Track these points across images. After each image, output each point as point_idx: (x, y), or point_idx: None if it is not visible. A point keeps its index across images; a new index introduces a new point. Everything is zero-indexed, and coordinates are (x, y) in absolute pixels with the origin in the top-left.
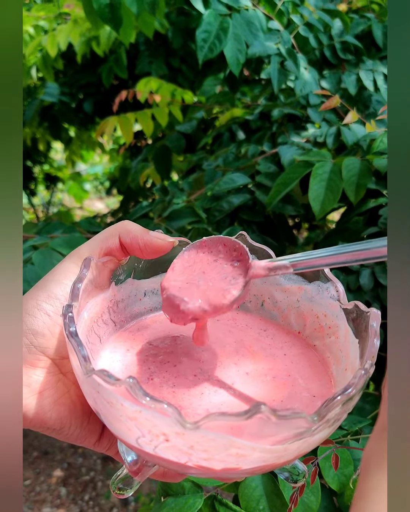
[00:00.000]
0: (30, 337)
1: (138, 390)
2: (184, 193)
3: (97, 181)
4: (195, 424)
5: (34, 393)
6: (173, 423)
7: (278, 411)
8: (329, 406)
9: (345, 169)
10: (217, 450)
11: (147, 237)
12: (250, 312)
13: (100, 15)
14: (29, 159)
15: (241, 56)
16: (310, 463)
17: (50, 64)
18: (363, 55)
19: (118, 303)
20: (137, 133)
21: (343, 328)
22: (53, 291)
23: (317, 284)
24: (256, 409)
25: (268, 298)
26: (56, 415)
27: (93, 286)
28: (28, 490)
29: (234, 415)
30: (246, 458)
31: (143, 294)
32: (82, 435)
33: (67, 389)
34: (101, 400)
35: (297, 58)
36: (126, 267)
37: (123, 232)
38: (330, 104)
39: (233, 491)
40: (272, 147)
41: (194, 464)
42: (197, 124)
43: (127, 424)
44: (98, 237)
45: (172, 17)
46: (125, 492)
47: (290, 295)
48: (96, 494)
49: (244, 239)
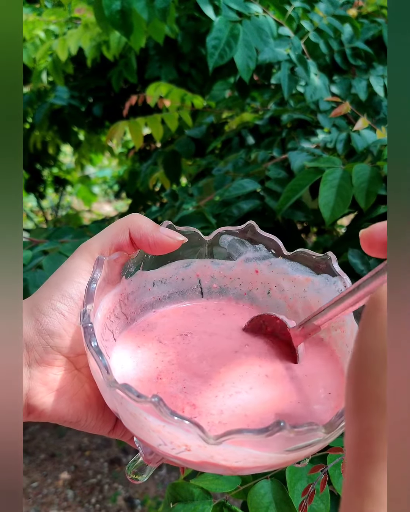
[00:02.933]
0: (46, 337)
1: (163, 409)
2: (194, 198)
3: (106, 185)
4: (217, 440)
5: (51, 391)
6: (196, 438)
7: (296, 428)
8: (341, 418)
9: (355, 176)
10: (236, 459)
11: (158, 235)
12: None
13: (111, 21)
14: (39, 162)
15: (251, 62)
16: (319, 471)
17: (60, 68)
18: (373, 61)
19: (129, 296)
20: (146, 137)
21: (350, 323)
22: (67, 291)
23: (324, 277)
24: (276, 427)
25: (275, 286)
26: (73, 409)
27: (106, 283)
28: (36, 492)
29: (254, 432)
30: (262, 463)
31: (152, 284)
32: (98, 426)
33: (82, 384)
34: (123, 410)
35: (307, 64)
36: (136, 260)
37: (133, 227)
38: (340, 110)
39: (242, 498)
40: (282, 152)
41: (213, 465)
42: (207, 128)
43: (149, 433)
44: (109, 232)
45: (182, 22)
46: (140, 477)
47: (297, 284)
48: (103, 497)
49: (253, 229)
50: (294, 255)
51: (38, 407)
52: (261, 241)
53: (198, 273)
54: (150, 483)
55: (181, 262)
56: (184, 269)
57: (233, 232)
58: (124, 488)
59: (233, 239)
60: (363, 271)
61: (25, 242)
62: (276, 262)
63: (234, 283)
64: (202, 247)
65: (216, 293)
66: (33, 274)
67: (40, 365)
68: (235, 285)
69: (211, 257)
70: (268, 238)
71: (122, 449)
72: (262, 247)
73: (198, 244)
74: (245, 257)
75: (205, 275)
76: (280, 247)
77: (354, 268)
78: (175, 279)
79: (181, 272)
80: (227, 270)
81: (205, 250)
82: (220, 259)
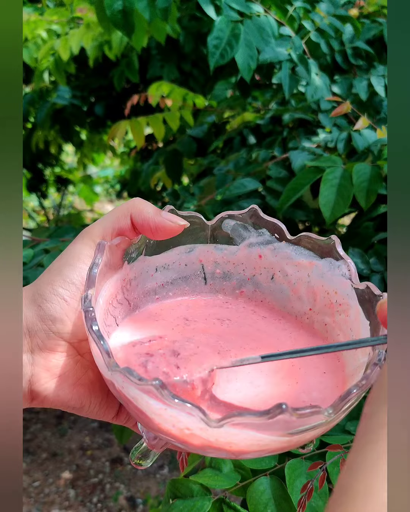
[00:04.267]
0: (49, 323)
1: (165, 391)
2: (195, 197)
3: (107, 184)
4: (219, 423)
5: (54, 377)
6: (197, 421)
7: (298, 410)
8: (344, 400)
9: (355, 175)
10: (238, 442)
11: (159, 219)
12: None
13: (113, 21)
14: (41, 161)
15: (252, 62)
16: (318, 468)
17: (62, 67)
18: (374, 61)
19: (131, 281)
20: (148, 136)
21: (354, 308)
22: (69, 276)
23: (328, 261)
24: (277, 409)
25: (278, 271)
26: (76, 395)
27: (107, 268)
28: (37, 492)
29: (256, 414)
30: (265, 446)
31: (155, 269)
32: (101, 411)
33: (85, 370)
34: (125, 394)
35: (308, 64)
36: (138, 245)
37: (135, 211)
38: (341, 110)
39: (241, 495)
40: (283, 152)
41: (215, 448)
42: (209, 128)
43: (151, 417)
44: (110, 217)
45: (184, 22)
46: (144, 462)
47: (301, 269)
48: (104, 497)
49: (256, 213)
50: (298, 240)
51: (41, 392)
52: (264, 226)
53: (202, 258)
54: (152, 482)
55: (184, 248)
56: (187, 255)
57: (235, 216)
58: (126, 488)
59: (236, 223)
60: (363, 270)
61: (27, 240)
62: (280, 246)
63: (237, 268)
64: (204, 231)
65: (219, 278)
66: (34, 272)
67: (43, 351)
68: (238, 270)
69: (214, 242)
70: (272, 222)
71: (123, 448)
72: (265, 231)
73: (201, 229)
74: (248, 242)
75: (208, 261)
76: (284, 231)
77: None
78: (178, 265)
79: (184, 258)
80: (230, 255)
81: (208, 235)
82: (223, 244)
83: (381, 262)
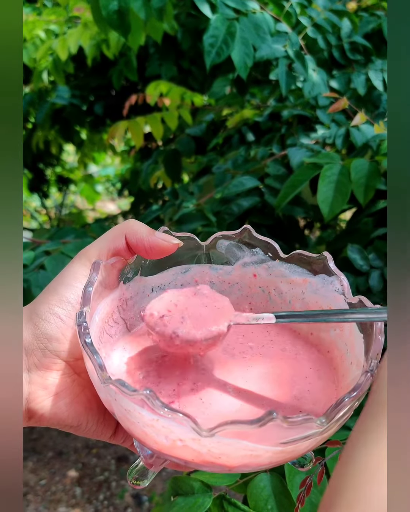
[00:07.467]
0: (44, 341)
1: (156, 401)
2: (194, 196)
3: (109, 183)
4: (211, 432)
5: (50, 395)
6: (189, 431)
7: (288, 418)
8: (337, 408)
9: (353, 171)
10: (231, 453)
11: (153, 239)
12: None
13: (109, 22)
14: (42, 161)
15: (248, 59)
16: (317, 463)
17: (61, 67)
18: (372, 55)
19: (127, 301)
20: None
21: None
22: (65, 295)
23: (322, 277)
24: (268, 417)
25: (273, 289)
26: (73, 413)
27: (103, 288)
28: (44, 490)
29: (247, 423)
30: (259, 457)
31: (151, 290)
32: (98, 430)
33: (82, 389)
34: (118, 407)
35: (305, 60)
36: (134, 265)
37: (129, 232)
38: (338, 106)
39: (242, 491)
40: (281, 149)
41: (209, 463)
42: (207, 126)
43: (144, 429)
44: (106, 237)
45: (182, 19)
46: (142, 482)
47: (295, 286)
48: (110, 494)
49: (249, 233)
50: (291, 257)
51: (38, 411)
52: (257, 245)
53: (197, 278)
54: (158, 480)
55: (180, 268)
56: (182, 275)
57: (229, 236)
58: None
59: (230, 243)
60: (362, 266)
61: (28, 242)
62: (273, 265)
63: (232, 288)
64: (199, 251)
65: None
66: (35, 274)
67: (40, 370)
68: (234, 290)
69: (209, 262)
70: (264, 241)
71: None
72: (259, 250)
73: (196, 248)
74: (243, 262)
75: (204, 281)
76: (277, 250)
77: (353, 263)
78: (174, 285)
79: (180, 278)
80: (225, 275)
81: (203, 255)
82: (218, 263)
83: (381, 258)
